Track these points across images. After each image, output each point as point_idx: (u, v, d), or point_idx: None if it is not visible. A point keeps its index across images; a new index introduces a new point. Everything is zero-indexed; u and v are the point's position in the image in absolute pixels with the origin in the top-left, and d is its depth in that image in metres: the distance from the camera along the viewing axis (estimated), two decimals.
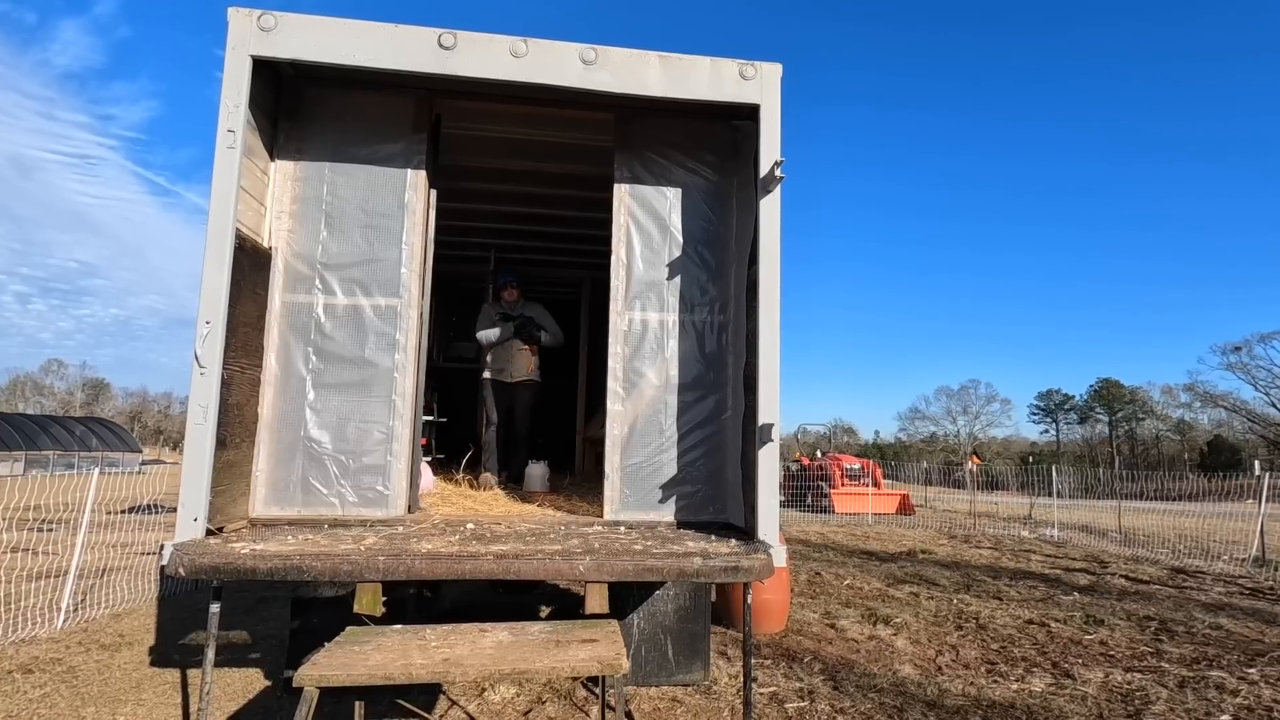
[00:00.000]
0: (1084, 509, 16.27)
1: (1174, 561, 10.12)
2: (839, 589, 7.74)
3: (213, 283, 3.19)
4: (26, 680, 4.38)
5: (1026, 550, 11.14)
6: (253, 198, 3.68)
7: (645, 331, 4.13)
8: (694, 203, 4.26)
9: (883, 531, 13.47)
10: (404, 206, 3.99)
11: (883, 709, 4.25)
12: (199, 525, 3.07)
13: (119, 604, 6.31)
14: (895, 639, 5.80)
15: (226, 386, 3.31)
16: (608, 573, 2.95)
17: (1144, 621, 6.49)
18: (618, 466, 4.00)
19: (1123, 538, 12.45)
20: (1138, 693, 4.60)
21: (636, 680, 4.39)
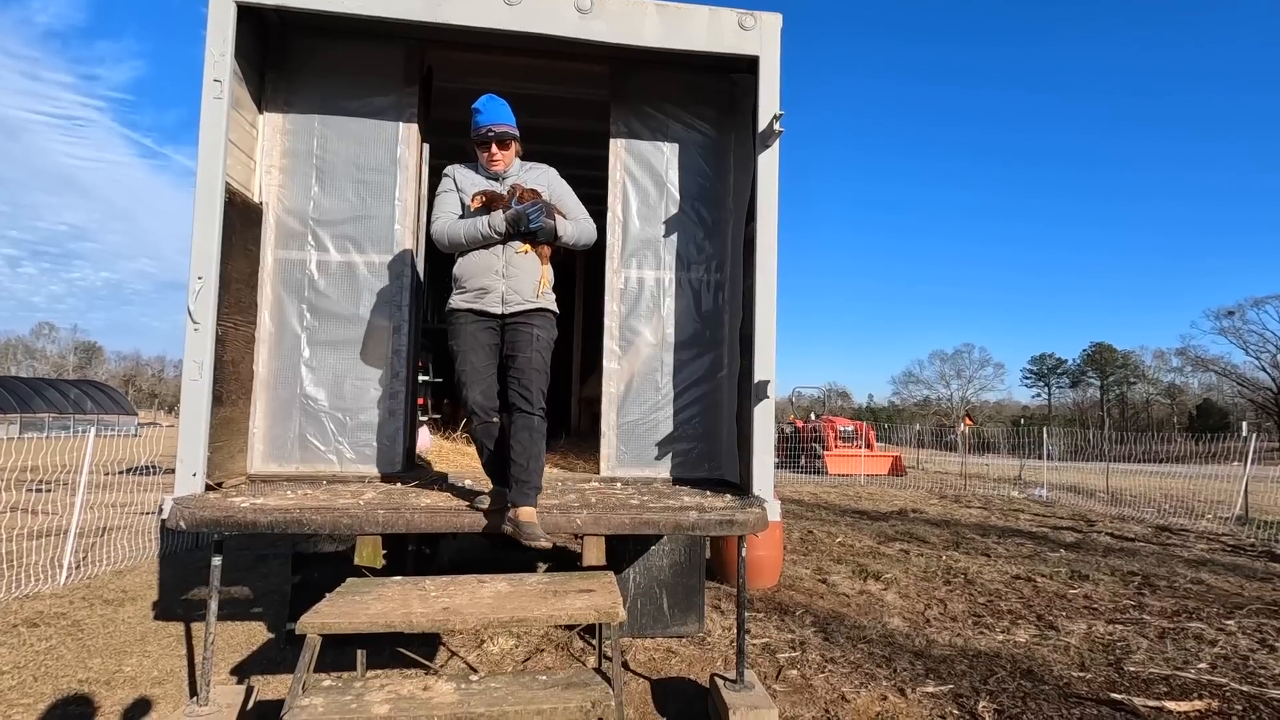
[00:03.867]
0: (1073, 470, 16.52)
1: (1159, 520, 10.33)
2: (831, 546, 7.88)
3: (203, 238, 3.15)
4: (32, 633, 4.45)
5: (1015, 510, 11.34)
6: (241, 151, 3.61)
7: (641, 290, 4.12)
8: (691, 158, 4.20)
9: (875, 492, 13.66)
10: (396, 161, 3.93)
11: (871, 658, 4.37)
12: (198, 480, 3.09)
13: (120, 561, 6.38)
14: (885, 593, 5.93)
15: (221, 343, 3.29)
16: (604, 526, 3.00)
17: (1127, 576, 6.65)
18: (614, 424, 4.03)
19: (1110, 498, 12.67)
20: (1119, 643, 4.74)
21: (632, 632, 4.50)
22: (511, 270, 3.08)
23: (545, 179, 3.28)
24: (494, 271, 3.06)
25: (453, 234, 3.07)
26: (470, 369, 3.09)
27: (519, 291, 3.09)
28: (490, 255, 3.06)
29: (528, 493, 2.98)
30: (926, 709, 3.67)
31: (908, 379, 74.73)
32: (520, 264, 3.08)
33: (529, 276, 3.10)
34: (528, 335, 3.09)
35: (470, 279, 3.08)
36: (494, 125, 3.12)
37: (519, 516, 2.92)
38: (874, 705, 3.70)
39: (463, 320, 3.10)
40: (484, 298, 3.07)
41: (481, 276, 3.06)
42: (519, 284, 3.09)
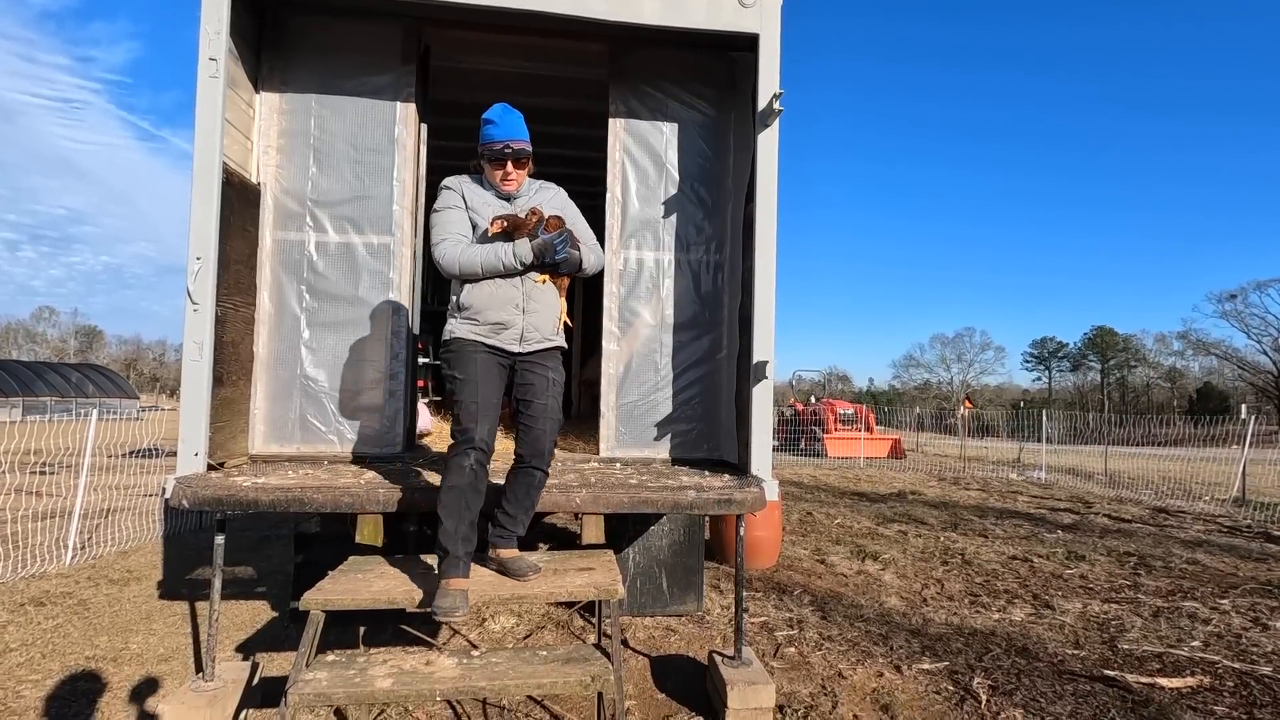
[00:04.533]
0: (1072, 454, 16.58)
1: (1156, 502, 10.38)
2: (829, 527, 7.94)
3: (201, 218, 3.14)
4: (39, 612, 4.51)
5: (1014, 491, 11.40)
6: (239, 131, 3.59)
7: (641, 271, 4.11)
8: (690, 138, 4.18)
9: (874, 474, 13.73)
10: (394, 141, 3.91)
11: (868, 636, 4.42)
12: (200, 460, 3.11)
13: (125, 542, 6.44)
14: (883, 574, 5.99)
15: (221, 324, 3.30)
16: (604, 505, 3.02)
17: (1124, 557, 6.70)
18: (613, 405, 4.04)
19: (1108, 480, 12.73)
20: (1114, 621, 4.79)
21: (632, 611, 4.55)
22: (531, 304, 2.77)
23: (559, 201, 2.97)
24: (513, 305, 2.74)
25: (467, 262, 2.67)
26: (484, 400, 2.68)
27: (539, 328, 2.79)
28: (509, 286, 2.73)
29: (508, 538, 2.87)
30: (922, 685, 3.73)
31: (908, 362, 74.78)
32: (540, 297, 2.79)
33: (549, 311, 2.83)
34: (543, 379, 2.81)
35: (484, 311, 2.73)
36: (512, 141, 2.76)
37: (503, 556, 2.84)
38: (870, 681, 3.75)
39: (470, 348, 2.74)
40: (501, 334, 2.74)
41: (499, 310, 2.73)
42: (539, 320, 2.79)
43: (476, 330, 2.74)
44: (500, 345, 2.76)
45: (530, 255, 2.67)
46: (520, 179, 2.85)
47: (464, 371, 2.71)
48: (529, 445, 2.81)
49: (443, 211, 2.78)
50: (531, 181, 2.96)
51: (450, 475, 2.65)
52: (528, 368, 2.82)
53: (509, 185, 2.83)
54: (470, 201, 2.79)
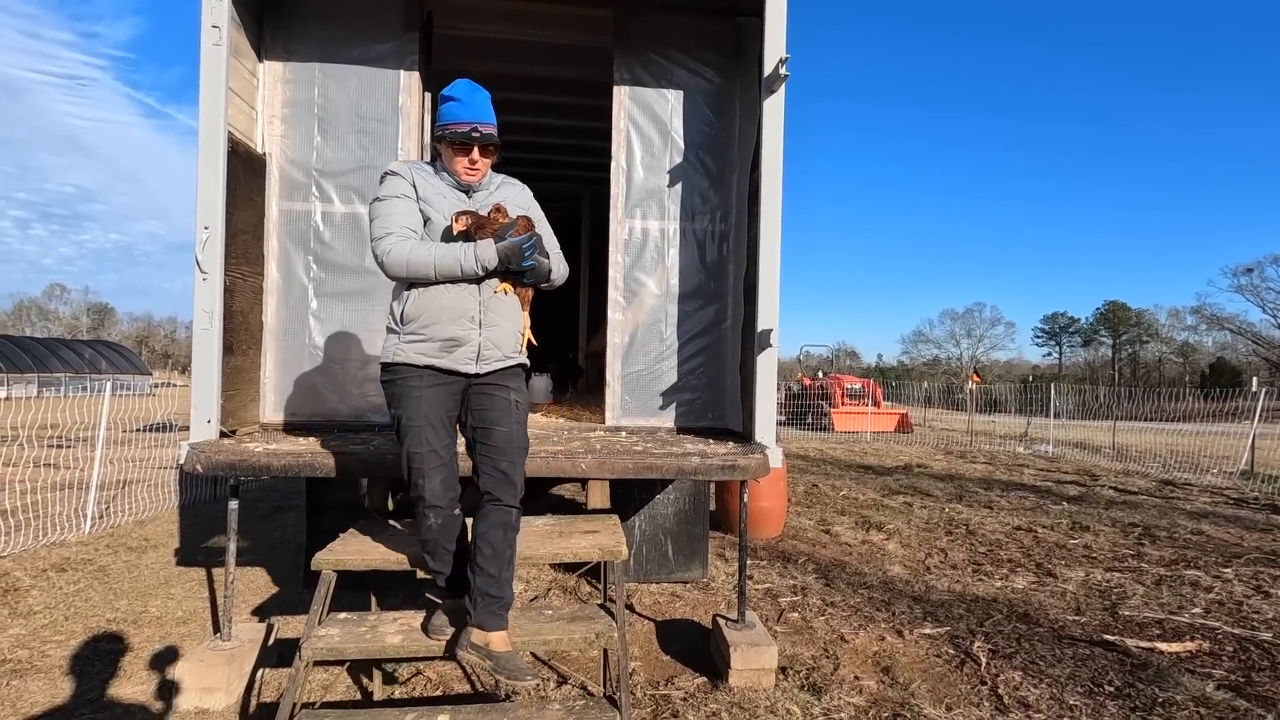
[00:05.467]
0: (1080, 429, 16.54)
1: (1164, 475, 10.38)
2: (835, 499, 7.99)
3: (208, 187, 3.16)
4: (61, 577, 4.63)
5: (1020, 465, 11.42)
6: (243, 100, 3.59)
7: (646, 240, 4.11)
8: (696, 106, 4.14)
9: (880, 448, 13.77)
10: (398, 110, 3.89)
11: (871, 603, 4.48)
12: (212, 427, 3.17)
13: (142, 512, 6.57)
14: (887, 543, 6.04)
15: (229, 293, 3.33)
16: (609, 470, 3.06)
17: (1128, 528, 6.73)
18: (619, 374, 4.07)
19: (1115, 453, 12.72)
20: (1116, 589, 4.83)
21: (638, 577, 4.63)
22: (490, 316, 2.36)
23: (524, 200, 2.57)
24: (468, 317, 2.32)
25: (418, 261, 2.24)
26: (428, 449, 2.31)
27: (498, 345, 2.39)
28: (464, 295, 2.31)
29: (498, 611, 2.32)
30: (923, 649, 3.79)
31: (917, 338, 74.44)
32: (499, 309, 2.38)
33: (510, 325, 2.42)
34: (505, 403, 2.39)
35: (432, 324, 2.30)
36: (481, 124, 2.33)
37: (492, 645, 2.26)
38: (872, 645, 3.82)
39: (414, 381, 2.31)
40: (453, 351, 2.32)
41: (451, 323, 2.30)
42: (498, 335, 2.39)
43: (423, 350, 2.31)
44: (452, 366, 2.34)
45: (494, 259, 2.26)
46: (485, 169, 2.44)
47: (408, 412, 2.31)
48: (495, 480, 2.35)
49: (387, 201, 2.32)
50: (494, 174, 2.56)
51: (420, 531, 2.42)
52: (485, 390, 2.40)
53: (472, 175, 2.42)
54: (422, 191, 2.34)
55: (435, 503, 2.34)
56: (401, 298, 2.38)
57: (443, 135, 2.37)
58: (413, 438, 2.32)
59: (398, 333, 2.37)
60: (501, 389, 2.41)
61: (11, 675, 3.23)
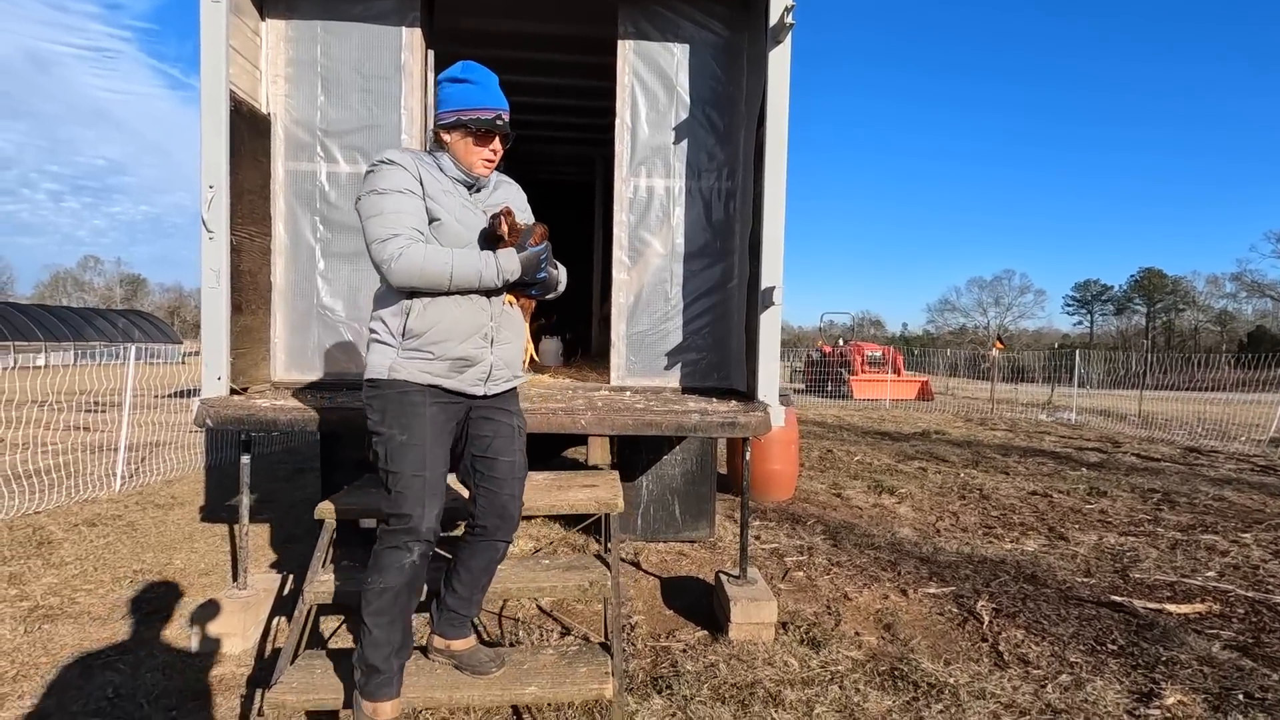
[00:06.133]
0: (1107, 397, 16.21)
1: (1189, 442, 10.17)
2: (849, 464, 7.98)
3: (211, 147, 3.18)
4: (92, 531, 4.82)
5: (1041, 431, 11.26)
6: (246, 60, 3.59)
7: (651, 199, 4.07)
8: (703, 60, 4.05)
9: (899, 415, 13.66)
10: (400, 69, 3.87)
11: (877, 563, 4.49)
12: (223, 383, 3.24)
13: (169, 472, 6.79)
14: (898, 507, 6.03)
15: (237, 253, 3.38)
16: (609, 426, 3.08)
17: (1147, 493, 6.63)
18: (623, 334, 4.07)
19: (1141, 420, 12.47)
20: (1128, 552, 4.78)
21: (645, 536, 4.69)
22: (502, 334, 2.16)
23: (522, 202, 2.33)
24: (481, 335, 2.10)
25: (434, 270, 1.95)
26: (433, 474, 2.05)
27: (508, 364, 2.21)
28: (478, 310, 2.09)
29: (459, 623, 2.27)
30: (926, 607, 3.80)
31: (943, 307, 73.10)
32: (510, 324, 2.19)
33: (519, 341, 2.27)
34: (509, 430, 2.22)
35: (442, 342, 2.05)
36: (504, 111, 2.11)
37: (453, 648, 2.23)
38: (875, 603, 3.84)
39: (417, 396, 2.05)
40: (465, 372, 2.09)
41: (464, 341, 2.07)
42: (509, 353, 2.20)
43: (428, 369, 2.04)
44: (460, 388, 2.10)
45: (518, 270, 2.04)
46: (496, 156, 2.17)
47: (409, 430, 2.03)
48: (494, 513, 2.19)
49: (389, 195, 1.97)
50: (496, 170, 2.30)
51: (384, 574, 2.02)
52: (488, 414, 2.19)
53: (489, 169, 2.17)
54: (428, 187, 2.03)
55: (427, 536, 2.05)
56: (399, 308, 2.05)
57: (458, 122, 2.05)
58: (413, 460, 2.02)
59: (394, 347, 2.05)
60: (505, 413, 2.22)
61: (43, 620, 3.39)
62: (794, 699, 2.77)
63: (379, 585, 2.01)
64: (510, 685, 2.01)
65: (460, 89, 2.07)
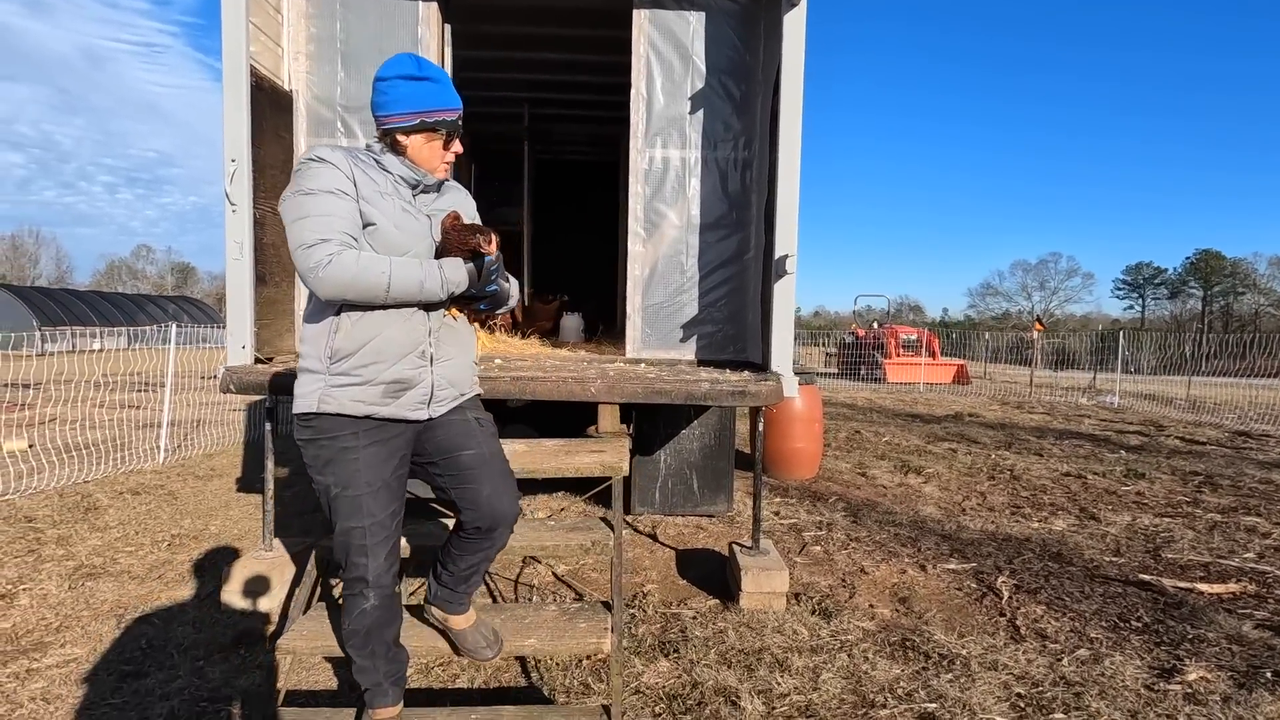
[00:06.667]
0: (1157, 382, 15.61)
1: (1239, 426, 9.75)
2: (877, 445, 7.87)
3: (233, 122, 3.27)
4: (135, 499, 5.05)
5: (1081, 415, 10.93)
6: (268, 37, 3.67)
7: (666, 170, 4.05)
8: (719, 28, 4.00)
9: (932, 398, 13.40)
10: (417, 43, 3.90)
11: (897, 539, 4.44)
12: (247, 352, 3.35)
13: (210, 446, 7.06)
14: (924, 486, 5.94)
15: (260, 226, 3.47)
16: (618, 394, 3.10)
17: (1189, 476, 6.39)
18: (639, 307, 4.07)
19: (1189, 405, 12.00)
20: (1162, 533, 4.63)
21: (664, 509, 4.71)
22: (443, 349, 1.91)
23: (471, 209, 2.06)
24: (418, 353, 1.86)
25: (368, 281, 1.70)
26: (371, 522, 1.84)
27: (453, 382, 1.95)
28: (414, 325, 1.84)
29: (461, 599, 2.13)
30: (944, 582, 3.75)
31: (985, 291, 71.04)
32: (452, 338, 1.94)
33: (465, 356, 2.00)
34: (463, 424, 1.98)
35: (373, 364, 1.80)
36: (460, 110, 1.91)
37: (450, 624, 2.12)
38: (892, 577, 3.80)
39: (347, 440, 1.81)
40: (400, 396, 1.84)
41: (398, 361, 1.83)
42: (453, 370, 1.94)
43: (360, 395, 1.80)
44: (399, 415, 1.85)
45: (464, 283, 1.83)
46: (452, 156, 1.95)
47: (341, 479, 1.82)
48: (476, 510, 1.97)
49: (318, 196, 1.72)
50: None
51: (349, 618, 1.91)
52: (436, 426, 1.94)
53: (448, 171, 1.98)
54: (362, 188, 1.78)
55: (378, 583, 1.87)
56: (326, 326, 1.80)
57: (422, 124, 1.83)
58: (349, 510, 1.82)
59: (321, 373, 1.80)
60: (457, 413, 1.97)
61: (86, 577, 3.57)
62: (801, 665, 2.77)
63: (348, 627, 1.92)
64: (512, 637, 2.06)
65: (421, 87, 1.83)
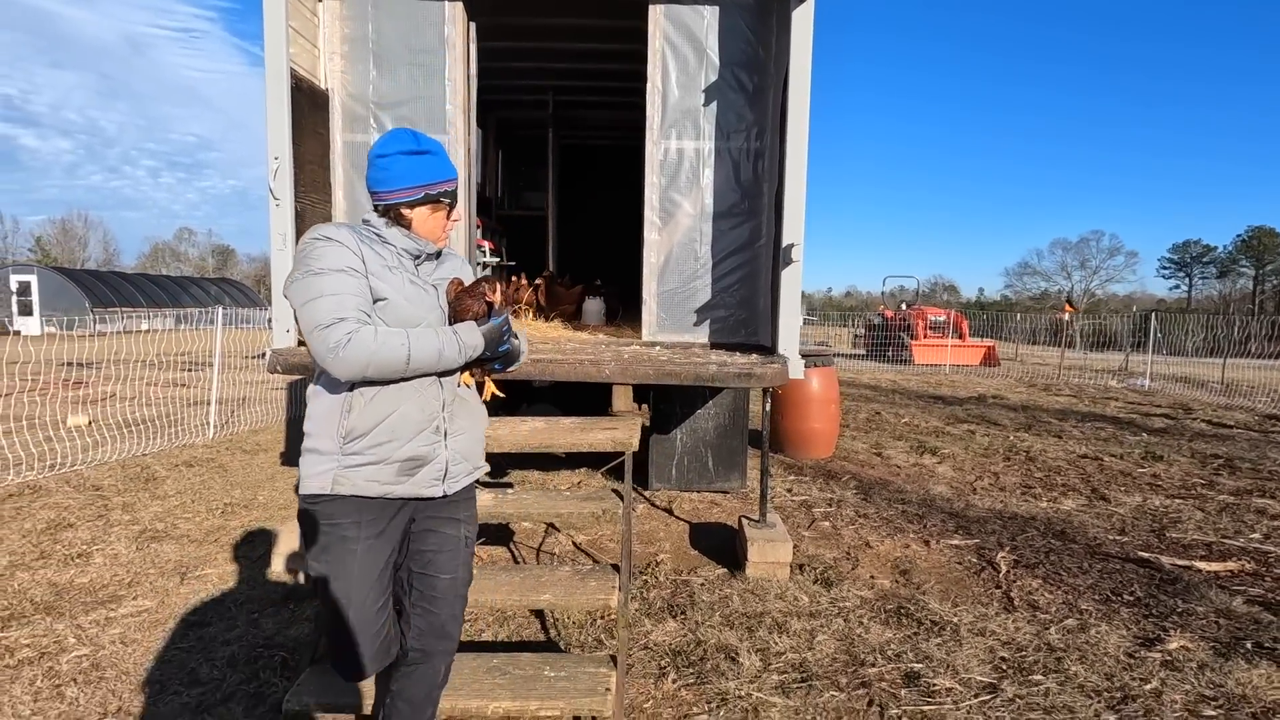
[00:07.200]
0: (1195, 364, 15.29)
1: (1271, 410, 9.59)
2: (895, 426, 7.97)
3: (276, 120, 3.52)
4: (190, 471, 5.45)
5: (1108, 398, 10.83)
6: (305, 39, 3.91)
7: (681, 160, 4.21)
8: (732, 21, 4.12)
9: (958, 380, 13.35)
10: (444, 41, 4.11)
11: (904, 515, 4.60)
12: (291, 335, 3.64)
13: (256, 423, 7.48)
14: (938, 466, 6.06)
15: (300, 219, 3.73)
16: (630, 375, 3.31)
17: (1209, 459, 6.39)
18: (654, 292, 4.26)
19: (1223, 388, 11.79)
20: (1170, 514, 4.70)
21: (679, 486, 4.94)
22: (457, 422, 1.83)
23: (467, 273, 1.97)
24: (433, 428, 1.78)
25: (388, 356, 1.63)
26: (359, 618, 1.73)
27: (466, 456, 1.87)
28: (428, 398, 1.77)
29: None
30: (946, 557, 3.91)
31: (1022, 270, 69.23)
32: (464, 410, 1.86)
33: (477, 428, 1.91)
34: (454, 541, 1.88)
35: (388, 441, 1.72)
36: (456, 179, 1.86)
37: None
38: (895, 551, 3.97)
39: (349, 529, 1.72)
40: (415, 474, 1.76)
41: (416, 438, 1.75)
42: (466, 444, 1.86)
43: (375, 475, 1.72)
44: (413, 494, 1.77)
45: (480, 345, 1.76)
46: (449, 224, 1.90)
47: (335, 569, 1.72)
48: (432, 634, 1.87)
49: (328, 276, 1.65)
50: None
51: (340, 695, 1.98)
52: (435, 524, 1.85)
53: (446, 239, 1.90)
54: (371, 264, 1.72)
55: (367, 674, 1.80)
56: (337, 404, 1.71)
57: (426, 197, 1.79)
58: (339, 601, 1.72)
59: (333, 453, 1.70)
60: (453, 523, 1.87)
61: (150, 540, 3.94)
62: (798, 628, 2.98)
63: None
64: (528, 592, 2.30)
65: (422, 161, 1.79)
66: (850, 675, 2.64)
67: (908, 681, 2.60)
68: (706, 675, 2.62)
